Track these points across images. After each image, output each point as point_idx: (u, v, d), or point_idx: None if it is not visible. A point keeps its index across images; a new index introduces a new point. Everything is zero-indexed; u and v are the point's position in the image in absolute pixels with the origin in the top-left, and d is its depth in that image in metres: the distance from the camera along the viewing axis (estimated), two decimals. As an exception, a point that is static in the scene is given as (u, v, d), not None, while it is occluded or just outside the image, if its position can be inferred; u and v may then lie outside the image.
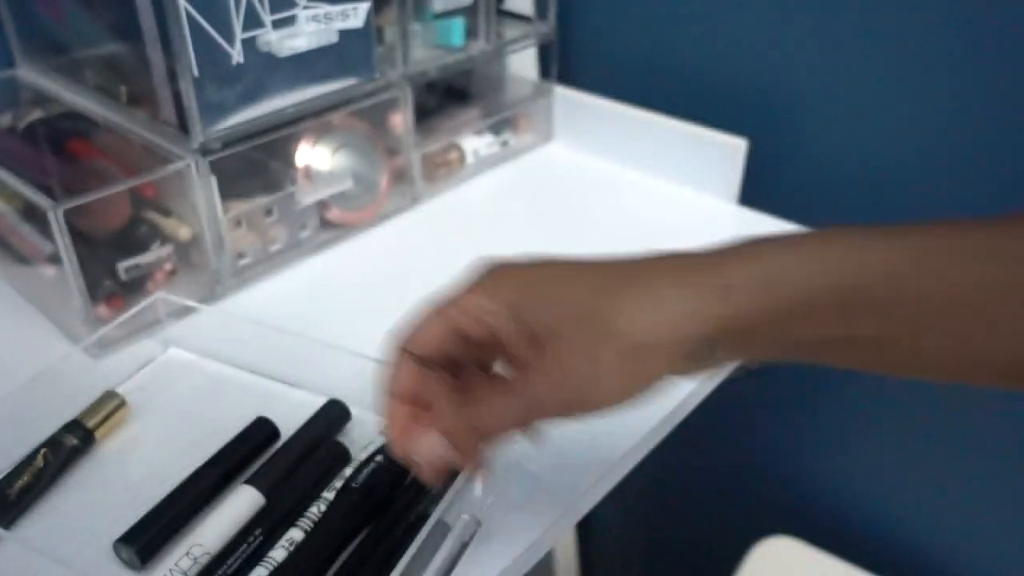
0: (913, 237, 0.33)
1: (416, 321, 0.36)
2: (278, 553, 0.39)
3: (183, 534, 0.41)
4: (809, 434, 0.85)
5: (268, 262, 0.63)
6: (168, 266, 0.58)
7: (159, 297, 0.55)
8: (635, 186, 0.76)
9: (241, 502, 0.42)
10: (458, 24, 0.70)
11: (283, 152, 0.64)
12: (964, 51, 0.61)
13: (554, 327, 0.33)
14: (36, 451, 0.44)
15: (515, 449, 0.46)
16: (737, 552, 0.83)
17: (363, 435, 0.47)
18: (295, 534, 0.40)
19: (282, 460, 0.44)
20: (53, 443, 0.45)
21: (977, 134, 0.62)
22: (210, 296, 0.60)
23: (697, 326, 0.33)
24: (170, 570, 0.38)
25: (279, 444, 0.46)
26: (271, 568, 0.39)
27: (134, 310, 0.53)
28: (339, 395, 0.49)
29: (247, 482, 0.43)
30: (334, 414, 0.48)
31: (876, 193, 0.69)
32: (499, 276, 0.35)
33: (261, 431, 0.47)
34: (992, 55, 0.59)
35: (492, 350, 0.36)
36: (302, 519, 0.41)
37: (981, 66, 0.60)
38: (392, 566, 0.36)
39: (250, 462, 0.45)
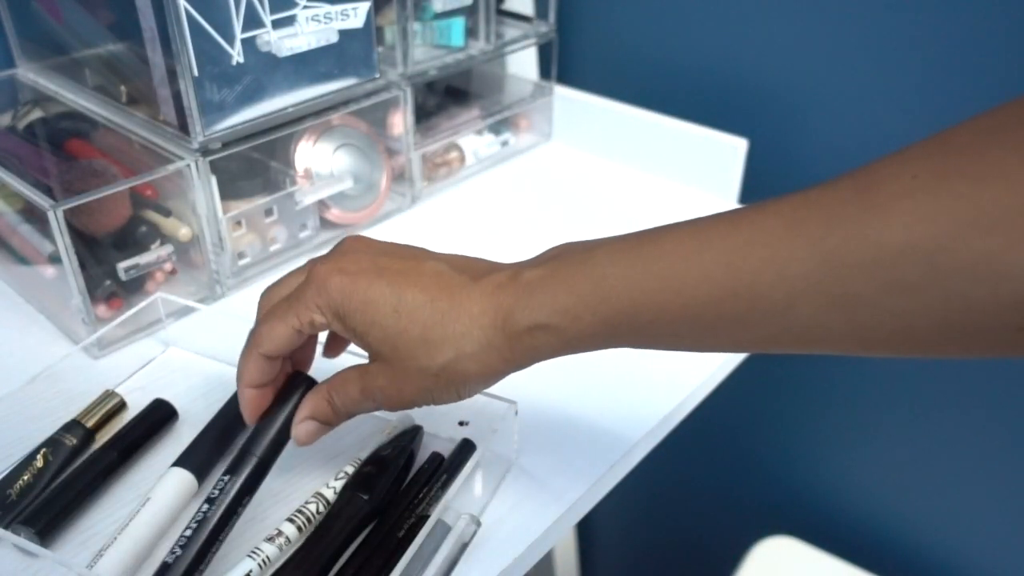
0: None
1: (263, 324, 0.40)
2: (269, 548, 0.39)
3: (83, 513, 0.43)
4: (808, 434, 0.85)
5: (268, 262, 0.63)
6: (168, 266, 0.58)
7: (159, 297, 0.55)
8: (635, 186, 0.76)
9: (173, 483, 0.42)
10: (458, 24, 0.70)
11: (283, 152, 0.64)
12: (964, 51, 0.61)
13: (380, 351, 0.38)
14: (36, 451, 0.44)
15: (516, 449, 0.46)
16: (737, 552, 0.83)
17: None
18: (288, 529, 0.40)
19: (206, 442, 0.45)
20: (53, 443, 0.45)
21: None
22: (210, 296, 0.60)
23: (507, 349, 0.36)
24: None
25: (202, 428, 0.47)
26: (259, 559, 0.39)
27: (134, 310, 0.53)
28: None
29: (176, 464, 0.43)
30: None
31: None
32: (334, 273, 0.38)
33: (160, 411, 0.48)
34: (993, 54, 0.59)
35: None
36: (296, 514, 0.41)
37: (981, 65, 0.60)
38: (392, 566, 0.36)
39: (147, 440, 0.46)
